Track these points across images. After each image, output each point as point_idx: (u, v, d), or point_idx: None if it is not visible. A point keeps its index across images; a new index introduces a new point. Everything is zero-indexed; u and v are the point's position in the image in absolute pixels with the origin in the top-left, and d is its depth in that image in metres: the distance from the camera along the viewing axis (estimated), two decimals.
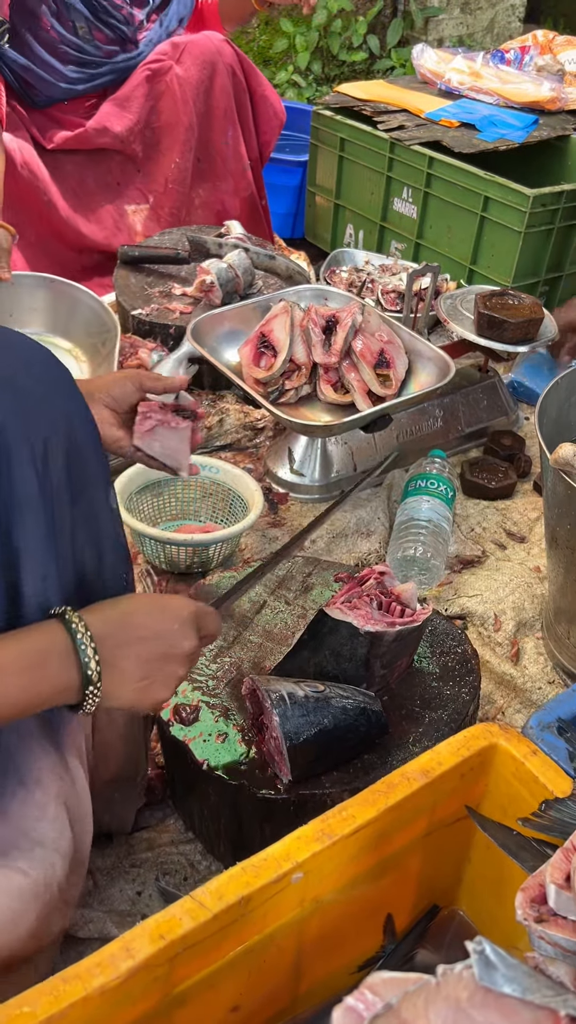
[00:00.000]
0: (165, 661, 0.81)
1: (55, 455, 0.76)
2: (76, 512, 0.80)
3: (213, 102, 2.36)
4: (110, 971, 0.66)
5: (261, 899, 0.74)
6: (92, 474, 0.81)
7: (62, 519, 0.78)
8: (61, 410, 0.77)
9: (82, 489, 0.80)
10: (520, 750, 0.85)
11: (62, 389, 0.79)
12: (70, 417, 0.78)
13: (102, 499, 0.83)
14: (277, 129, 2.53)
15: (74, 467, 0.78)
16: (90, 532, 0.82)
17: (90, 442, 0.81)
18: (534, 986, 0.49)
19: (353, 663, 1.10)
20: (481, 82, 2.62)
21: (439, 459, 1.73)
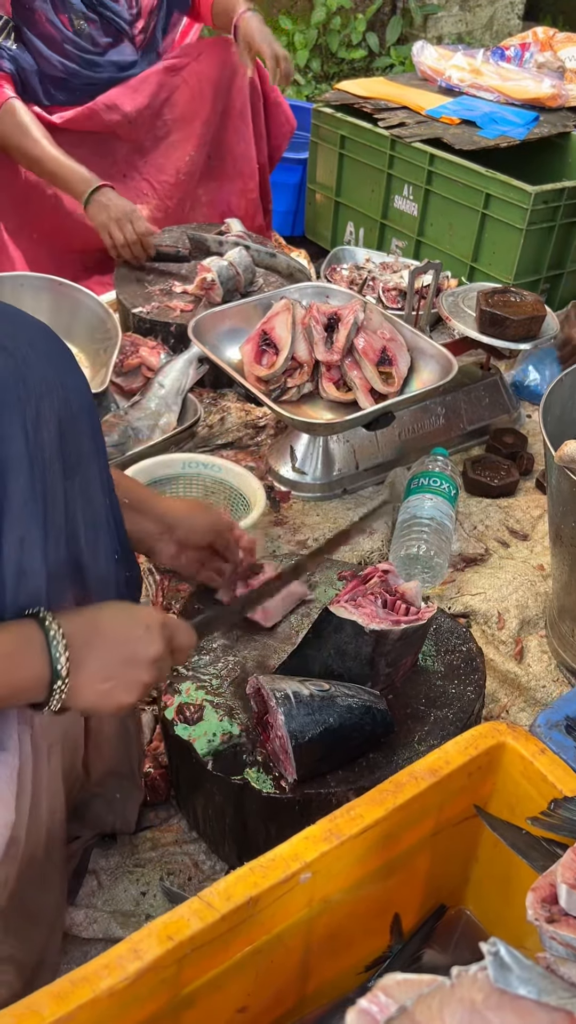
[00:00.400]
0: (129, 665, 0.82)
1: (47, 421, 0.76)
2: (70, 486, 0.79)
3: (231, 101, 2.37)
4: (118, 973, 0.66)
5: (269, 899, 0.74)
6: (87, 449, 0.81)
7: (53, 489, 0.78)
8: (57, 380, 0.77)
9: (77, 462, 0.80)
10: (528, 749, 0.85)
11: (59, 361, 0.79)
12: (67, 389, 0.78)
13: (95, 474, 0.82)
14: (288, 135, 2.55)
15: (69, 438, 0.78)
16: (84, 507, 0.82)
17: (86, 416, 0.80)
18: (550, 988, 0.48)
19: (358, 661, 1.09)
20: (481, 79, 2.62)
21: (441, 457, 1.73)
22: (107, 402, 1.86)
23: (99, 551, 0.85)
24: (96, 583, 0.86)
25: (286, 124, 2.52)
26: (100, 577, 0.86)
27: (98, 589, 0.87)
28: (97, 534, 0.85)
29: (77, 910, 1.10)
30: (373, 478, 1.81)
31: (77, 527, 0.82)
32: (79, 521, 0.82)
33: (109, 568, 0.87)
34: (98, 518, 0.85)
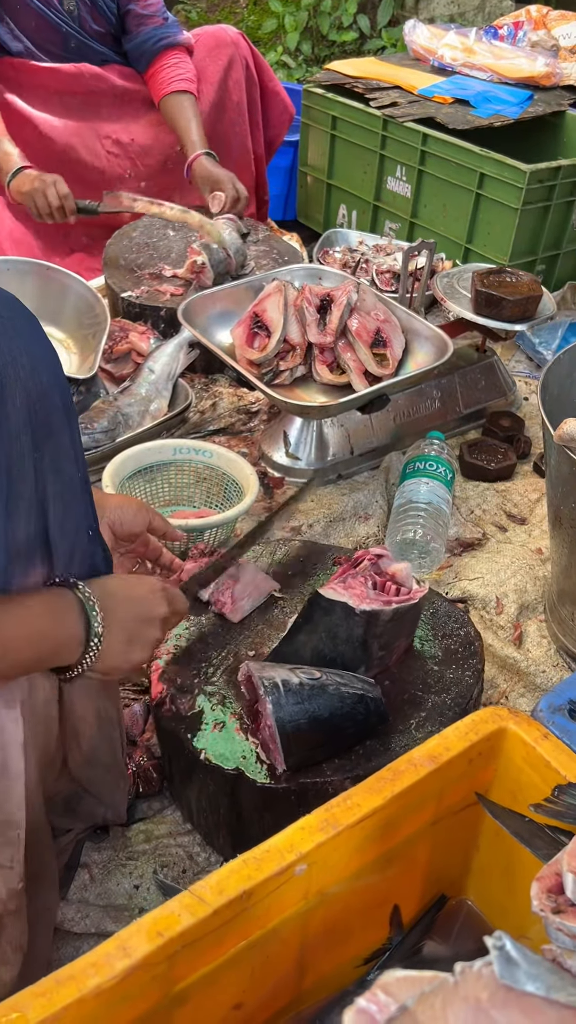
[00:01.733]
0: (143, 623, 0.88)
1: (13, 392, 0.73)
2: (39, 458, 0.76)
3: (227, 94, 2.34)
4: (106, 971, 0.63)
5: (263, 893, 0.71)
6: (57, 421, 0.77)
7: (21, 461, 0.75)
8: (24, 349, 0.74)
9: (46, 434, 0.77)
10: (531, 734, 0.82)
11: (26, 331, 0.76)
12: (34, 359, 0.75)
13: (67, 446, 0.79)
14: (287, 123, 2.52)
15: (38, 410, 0.75)
16: (54, 481, 0.79)
17: (56, 388, 0.77)
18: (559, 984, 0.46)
19: (350, 644, 1.07)
20: (474, 58, 2.58)
21: (437, 441, 1.70)
22: (96, 388, 1.83)
23: (68, 524, 0.82)
24: (65, 558, 0.83)
25: (284, 112, 2.50)
26: (68, 552, 0.83)
27: (65, 562, 0.84)
28: (67, 509, 0.82)
29: (69, 905, 1.07)
30: (368, 463, 1.78)
31: (46, 501, 0.79)
32: (48, 495, 0.79)
33: (80, 543, 0.84)
34: (70, 492, 0.81)
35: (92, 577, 0.87)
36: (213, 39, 2.31)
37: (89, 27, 2.22)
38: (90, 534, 0.85)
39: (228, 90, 2.33)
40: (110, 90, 2.26)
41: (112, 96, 2.27)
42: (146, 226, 2.28)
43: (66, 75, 2.20)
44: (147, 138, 2.33)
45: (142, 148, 2.32)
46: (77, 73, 2.21)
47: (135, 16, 2.23)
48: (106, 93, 2.26)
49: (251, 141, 2.42)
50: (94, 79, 2.24)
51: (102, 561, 0.88)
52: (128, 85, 2.29)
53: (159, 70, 2.25)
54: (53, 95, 2.20)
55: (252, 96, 2.37)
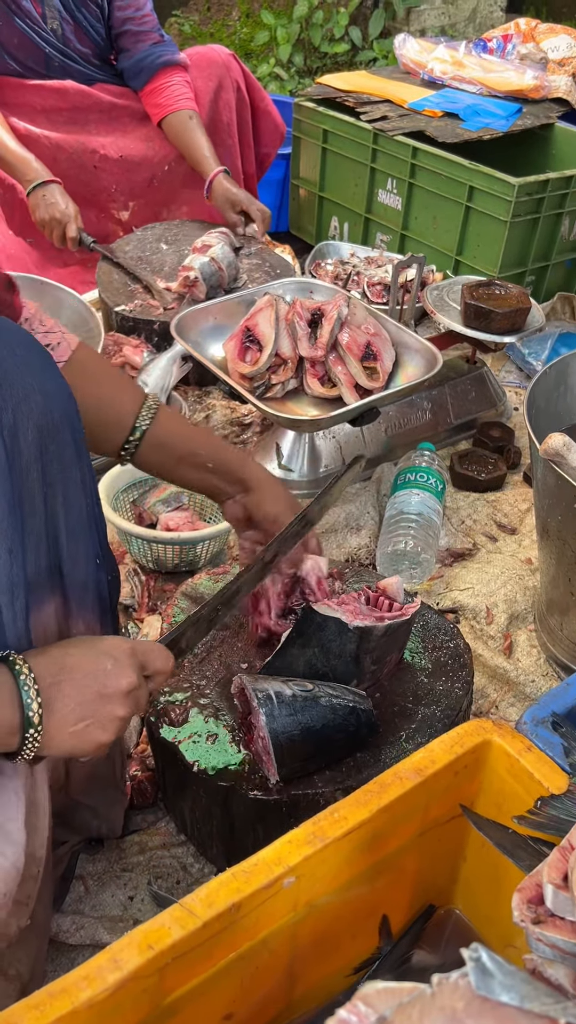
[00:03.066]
0: (101, 701, 0.77)
1: (25, 428, 0.74)
2: (50, 493, 0.78)
3: (217, 115, 2.36)
4: (97, 984, 0.65)
5: (252, 905, 0.72)
6: (68, 456, 0.80)
7: (32, 495, 0.77)
8: (36, 387, 0.76)
9: (58, 469, 0.79)
10: (514, 746, 0.84)
11: (38, 368, 0.77)
12: (46, 396, 0.77)
13: (76, 480, 0.81)
14: (278, 142, 2.55)
15: (48, 445, 0.77)
16: (65, 514, 0.81)
17: (67, 424, 0.79)
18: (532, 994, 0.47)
19: (343, 659, 1.08)
20: (464, 71, 2.60)
21: (428, 452, 1.72)
22: None
23: (79, 557, 0.85)
24: (76, 589, 0.85)
25: (276, 132, 2.52)
26: (80, 582, 0.86)
27: (78, 595, 0.86)
28: (78, 540, 0.84)
29: (64, 916, 1.08)
30: (360, 474, 1.80)
31: (58, 534, 0.82)
32: (60, 528, 0.82)
33: (89, 573, 0.87)
34: (79, 524, 0.84)
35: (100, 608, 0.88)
36: (204, 60, 2.33)
37: (73, 46, 2.24)
38: (97, 563, 0.87)
39: (218, 111, 2.35)
40: (96, 106, 2.28)
41: (99, 112, 2.29)
42: (139, 240, 2.30)
43: (51, 91, 2.22)
44: (136, 154, 2.35)
45: (131, 164, 2.34)
46: (62, 89, 2.23)
47: (131, 34, 2.25)
48: (92, 109, 2.28)
49: (241, 160, 2.45)
50: (79, 96, 2.26)
51: (106, 587, 0.90)
52: (116, 101, 2.31)
53: (160, 88, 2.26)
54: (39, 112, 2.22)
55: (243, 116, 2.40)
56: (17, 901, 0.84)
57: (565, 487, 1.19)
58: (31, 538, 0.77)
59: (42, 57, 2.22)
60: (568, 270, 2.43)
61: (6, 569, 0.74)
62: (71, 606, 0.85)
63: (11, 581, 0.75)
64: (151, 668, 0.84)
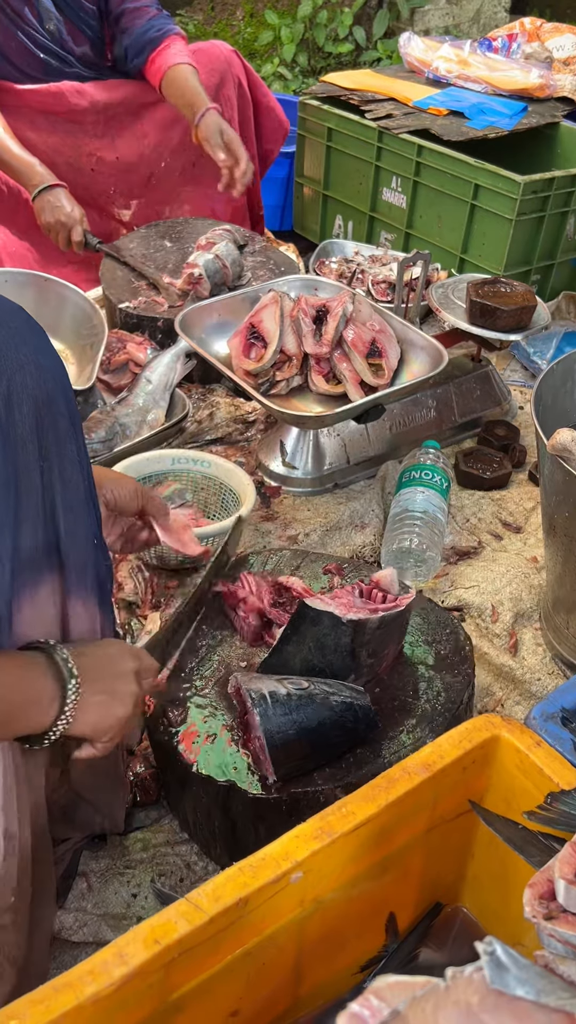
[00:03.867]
0: (116, 679, 0.85)
1: (20, 400, 0.74)
2: (47, 467, 0.77)
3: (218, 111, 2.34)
4: (103, 978, 0.64)
5: (259, 900, 0.72)
6: (63, 429, 0.79)
7: (28, 470, 0.76)
8: (31, 358, 0.75)
9: (54, 442, 0.78)
10: (524, 741, 0.83)
11: (32, 340, 0.77)
12: (40, 368, 0.76)
13: (73, 455, 0.80)
14: (282, 138, 2.53)
15: (44, 419, 0.76)
16: (62, 490, 0.80)
17: (61, 396, 0.78)
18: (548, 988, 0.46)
19: (338, 654, 1.07)
20: (469, 70, 2.60)
21: (433, 450, 1.71)
22: (94, 398, 1.84)
23: (78, 535, 0.83)
24: (75, 568, 0.84)
25: (279, 128, 2.50)
26: (79, 562, 0.84)
27: (77, 574, 0.84)
28: (76, 518, 0.83)
29: (67, 913, 1.07)
30: (364, 472, 1.79)
31: (56, 510, 0.80)
32: (57, 504, 0.80)
33: (88, 553, 0.85)
34: (76, 501, 0.82)
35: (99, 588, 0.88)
36: (205, 56, 2.31)
37: (69, 47, 2.23)
38: (95, 543, 0.86)
39: (220, 106, 2.34)
40: (91, 107, 2.26)
41: (94, 112, 2.27)
42: (143, 237, 2.30)
43: (47, 94, 2.21)
44: (132, 154, 2.34)
45: (127, 165, 2.32)
46: (58, 92, 2.22)
47: (129, 13, 2.23)
48: (88, 111, 2.26)
49: None
50: (75, 96, 2.23)
51: (104, 570, 0.89)
52: (110, 98, 2.29)
53: (157, 55, 2.23)
54: (37, 114, 2.21)
55: (244, 113, 2.38)
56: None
57: (573, 483, 1.19)
58: (27, 513, 0.76)
59: (39, 63, 2.21)
60: (573, 268, 2.42)
61: None
62: (69, 585, 0.83)
63: None
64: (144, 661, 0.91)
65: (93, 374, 1.80)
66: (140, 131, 2.33)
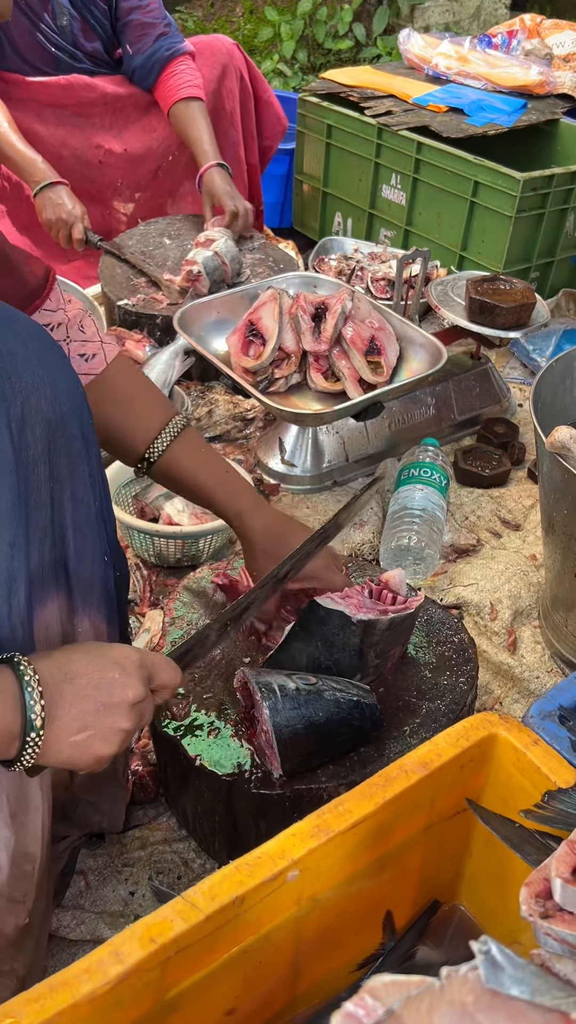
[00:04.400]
0: (105, 712, 0.74)
1: (33, 422, 0.74)
2: (57, 488, 0.77)
3: (220, 104, 2.34)
4: (99, 977, 0.64)
5: (256, 898, 0.72)
6: (76, 451, 0.79)
7: (38, 490, 0.76)
8: (47, 380, 0.75)
9: (66, 464, 0.78)
10: (521, 740, 0.83)
11: (49, 361, 0.77)
12: (56, 390, 0.76)
13: (84, 476, 0.80)
14: (280, 134, 2.53)
15: (57, 441, 0.76)
16: (73, 510, 0.80)
17: (76, 419, 0.78)
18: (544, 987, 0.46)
19: (346, 653, 1.07)
20: (469, 67, 2.59)
21: (432, 447, 1.71)
22: None
23: (86, 553, 0.84)
24: (82, 586, 0.84)
25: (278, 124, 2.50)
26: (86, 580, 0.85)
27: (83, 592, 0.85)
28: (85, 537, 0.83)
29: (64, 911, 1.07)
30: (363, 470, 1.79)
31: (65, 529, 0.81)
32: (67, 523, 0.81)
33: (96, 570, 0.85)
34: (86, 520, 0.83)
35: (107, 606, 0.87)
36: (208, 48, 2.32)
37: (80, 44, 2.23)
38: (105, 560, 0.86)
39: (221, 99, 2.34)
40: (100, 99, 2.26)
41: (103, 104, 2.28)
42: (142, 235, 2.29)
43: (56, 87, 2.21)
44: (139, 147, 2.34)
45: (134, 158, 2.33)
46: (67, 85, 2.22)
47: (137, 25, 2.22)
48: (96, 103, 2.26)
49: (244, 151, 2.43)
50: (84, 89, 2.24)
51: (114, 584, 0.89)
52: (119, 91, 2.29)
53: (167, 77, 2.23)
54: (45, 107, 2.21)
55: (246, 106, 2.38)
56: (12, 899, 0.83)
57: (572, 481, 1.18)
58: (36, 532, 0.76)
59: (50, 58, 2.21)
60: (573, 266, 2.42)
61: (6, 562, 0.73)
62: (76, 603, 0.84)
63: (10, 575, 0.73)
64: (158, 681, 0.80)
65: None
66: (148, 124, 2.33)
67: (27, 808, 0.83)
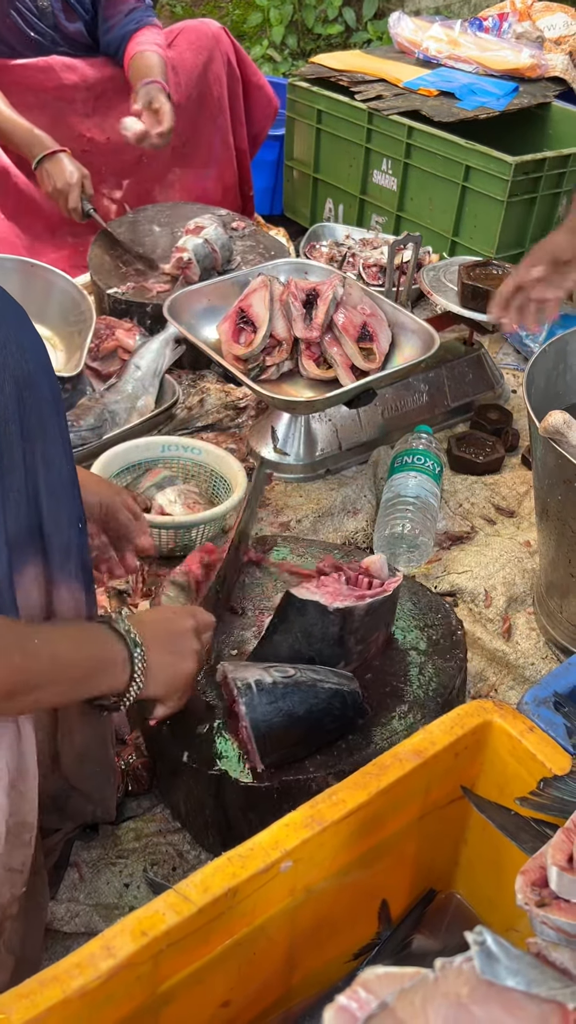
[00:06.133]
0: (177, 636, 0.91)
1: (2, 380, 0.72)
2: (29, 449, 0.76)
3: (206, 89, 2.31)
4: (90, 972, 0.63)
5: (249, 890, 0.71)
6: (47, 411, 0.77)
7: (10, 451, 0.74)
8: (12, 338, 0.73)
9: (37, 424, 0.76)
10: (516, 727, 0.82)
11: (12, 319, 0.75)
12: (22, 348, 0.74)
13: (56, 437, 0.79)
14: (271, 117, 2.50)
15: (27, 400, 0.75)
16: (45, 472, 0.78)
17: (45, 377, 0.77)
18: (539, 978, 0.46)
19: (326, 642, 1.06)
20: (459, 50, 2.57)
21: (425, 434, 1.69)
22: (82, 385, 1.82)
23: (61, 519, 0.82)
24: (58, 551, 0.82)
25: (268, 107, 2.47)
26: (63, 545, 0.83)
27: (61, 558, 0.83)
28: (59, 501, 0.81)
29: (58, 904, 1.07)
30: (356, 457, 1.78)
31: (39, 493, 0.79)
32: (40, 486, 0.79)
33: (72, 536, 0.84)
34: (59, 483, 0.81)
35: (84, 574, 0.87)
36: (194, 33, 2.29)
37: (62, 26, 2.20)
38: (80, 527, 0.85)
39: (208, 85, 2.31)
40: (82, 82, 2.23)
41: (85, 89, 2.25)
42: (131, 223, 2.27)
43: (36, 69, 2.18)
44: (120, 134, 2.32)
45: (118, 145, 2.29)
46: (47, 67, 2.19)
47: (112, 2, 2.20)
48: (79, 87, 2.23)
49: (233, 136, 2.40)
50: (65, 70, 2.21)
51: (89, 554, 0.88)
52: (100, 74, 2.26)
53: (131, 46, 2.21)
54: (27, 92, 2.18)
55: (234, 91, 2.35)
56: (10, 869, 0.82)
57: (565, 466, 1.17)
58: (11, 495, 0.75)
59: (31, 42, 2.18)
60: None
61: None
62: (53, 570, 0.82)
63: None
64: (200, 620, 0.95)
65: (81, 361, 1.78)
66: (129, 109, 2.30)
67: (25, 776, 0.82)
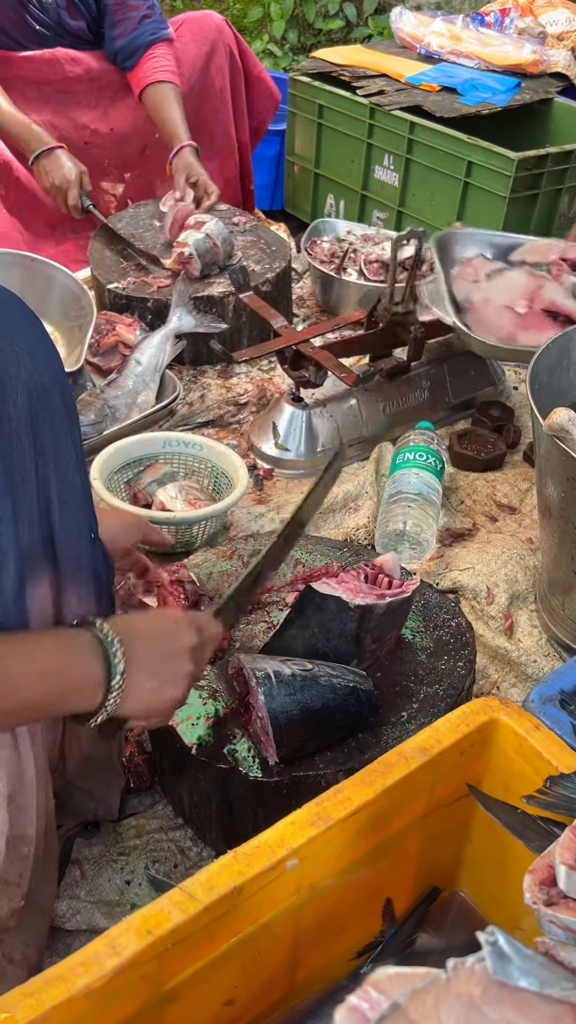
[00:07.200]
0: (171, 659, 0.82)
1: (15, 392, 0.72)
2: (41, 461, 0.75)
3: (209, 80, 2.30)
4: (95, 970, 0.62)
5: (254, 888, 0.70)
6: (59, 423, 0.77)
7: (23, 463, 0.74)
8: (26, 350, 0.73)
9: (49, 436, 0.76)
10: (522, 725, 0.82)
11: (28, 331, 0.75)
12: (36, 360, 0.74)
13: (68, 448, 0.78)
14: (272, 110, 2.50)
15: (40, 413, 0.74)
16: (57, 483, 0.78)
17: (57, 389, 0.76)
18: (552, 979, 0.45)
19: (343, 639, 1.06)
20: (461, 45, 2.56)
21: (427, 431, 1.69)
22: (83, 380, 1.82)
23: (72, 530, 0.81)
24: (70, 563, 0.82)
25: (270, 99, 2.47)
26: (75, 557, 0.82)
27: (71, 570, 0.83)
28: (70, 512, 0.81)
29: (60, 901, 1.06)
30: (358, 454, 1.77)
31: (50, 504, 0.78)
32: (52, 498, 0.78)
33: (83, 547, 0.83)
34: (71, 495, 0.80)
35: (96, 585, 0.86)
36: (196, 24, 2.28)
37: (65, 22, 2.19)
38: (92, 537, 0.84)
39: (210, 76, 2.30)
40: (86, 74, 2.23)
41: (88, 81, 2.24)
42: (132, 217, 2.26)
43: (41, 61, 2.18)
44: (126, 126, 2.31)
45: (121, 137, 2.29)
46: (52, 59, 2.18)
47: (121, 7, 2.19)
48: (82, 79, 2.23)
49: (235, 129, 2.39)
50: (69, 63, 2.20)
51: (103, 566, 0.87)
52: (103, 66, 2.26)
53: (145, 60, 2.21)
54: (31, 85, 2.17)
55: (236, 83, 2.35)
56: (7, 882, 0.82)
57: (569, 463, 1.17)
58: (23, 507, 0.74)
59: (35, 37, 2.17)
60: None
61: None
62: (64, 581, 0.81)
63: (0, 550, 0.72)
64: (206, 634, 0.88)
65: (82, 356, 1.77)
66: (133, 102, 2.29)
67: (23, 789, 0.82)
